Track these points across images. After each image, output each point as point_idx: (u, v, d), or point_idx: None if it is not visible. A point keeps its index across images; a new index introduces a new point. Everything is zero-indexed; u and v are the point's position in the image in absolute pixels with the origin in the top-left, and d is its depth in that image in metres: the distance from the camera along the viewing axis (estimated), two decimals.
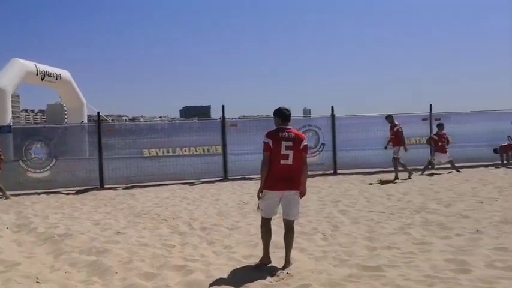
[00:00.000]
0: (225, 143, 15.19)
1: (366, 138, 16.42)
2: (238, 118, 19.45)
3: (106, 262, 5.96)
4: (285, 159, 5.44)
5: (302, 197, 5.69)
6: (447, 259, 5.54)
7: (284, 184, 5.48)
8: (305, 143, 5.60)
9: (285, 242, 5.69)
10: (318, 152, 15.86)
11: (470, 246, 6.08)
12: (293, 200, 5.59)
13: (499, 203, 9.04)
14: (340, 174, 15.27)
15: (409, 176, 13.66)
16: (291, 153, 5.45)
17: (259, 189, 5.61)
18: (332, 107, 16.19)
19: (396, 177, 13.50)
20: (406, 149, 13.80)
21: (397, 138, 13.80)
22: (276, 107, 5.80)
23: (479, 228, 6.99)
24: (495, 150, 16.30)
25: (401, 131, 13.87)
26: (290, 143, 5.47)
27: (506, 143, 16.46)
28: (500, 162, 16.18)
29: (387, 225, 7.55)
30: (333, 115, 16.11)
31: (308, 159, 5.86)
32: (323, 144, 15.86)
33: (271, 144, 5.45)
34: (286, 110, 5.71)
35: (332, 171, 15.69)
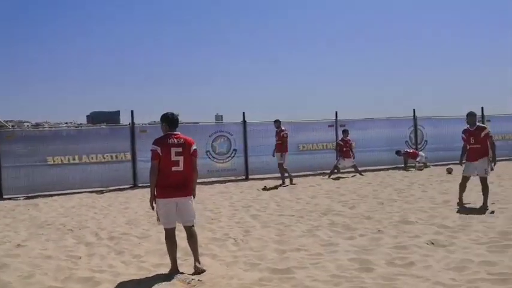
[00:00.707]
0: (134, 149, 14.84)
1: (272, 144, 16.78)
2: (149, 124, 19.03)
3: (4, 278, 5.57)
4: (176, 166, 5.40)
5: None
6: (351, 259, 5.81)
7: (177, 191, 5.44)
8: (194, 148, 5.58)
9: (190, 248, 5.68)
10: (230, 158, 15.97)
11: (372, 245, 6.42)
12: (188, 205, 5.57)
13: (398, 204, 9.64)
14: (252, 179, 15.48)
15: (290, 182, 13.69)
16: (181, 159, 5.41)
17: (151, 199, 5.52)
18: (243, 113, 16.42)
19: (283, 182, 13.68)
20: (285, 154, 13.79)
21: (282, 144, 13.82)
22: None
23: (381, 228, 7.42)
24: (397, 153, 17.29)
25: (287, 137, 13.95)
26: (180, 149, 5.43)
27: (410, 150, 17.52)
28: (402, 165, 17.17)
29: (296, 228, 7.77)
30: (244, 121, 16.33)
31: (220, 165, 5.89)
32: (235, 150, 16.01)
33: (159, 151, 5.36)
34: (173, 115, 5.64)
35: (244, 177, 15.88)
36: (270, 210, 9.61)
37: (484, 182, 9.00)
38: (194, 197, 5.70)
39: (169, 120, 5.60)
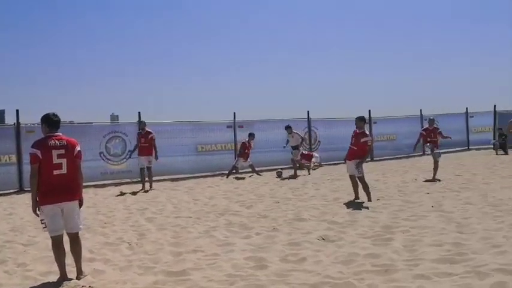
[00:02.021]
0: (20, 151, 13.82)
1: (175, 144, 16.54)
2: (37, 124, 17.82)
3: None
4: (59, 169, 5.14)
5: (81, 206, 5.46)
6: (247, 257, 5.91)
7: (62, 195, 5.17)
8: (78, 149, 5.34)
9: (73, 255, 5.40)
10: (125, 160, 15.43)
11: (267, 243, 6.58)
12: (74, 210, 5.32)
13: (292, 202, 9.98)
14: (147, 181, 15.09)
15: (147, 189, 13.23)
16: (64, 161, 5.16)
17: (33, 206, 5.19)
18: (139, 113, 15.92)
19: (150, 186, 13.30)
20: (157, 158, 13.34)
21: (150, 146, 13.21)
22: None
23: (276, 226, 7.62)
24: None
25: (155, 139, 13.33)
26: (62, 151, 5.17)
27: (305, 152, 18.17)
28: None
29: (193, 229, 7.73)
30: (140, 121, 15.85)
31: (115, 167, 5.68)
32: (130, 151, 15.41)
33: (39, 154, 5.06)
34: (54, 115, 5.33)
35: (140, 179, 15.43)
36: (167, 212, 9.47)
37: (361, 180, 9.75)
38: (82, 202, 5.44)
39: (50, 121, 5.27)
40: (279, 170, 15.88)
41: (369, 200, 9.57)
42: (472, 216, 7.74)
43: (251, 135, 16.38)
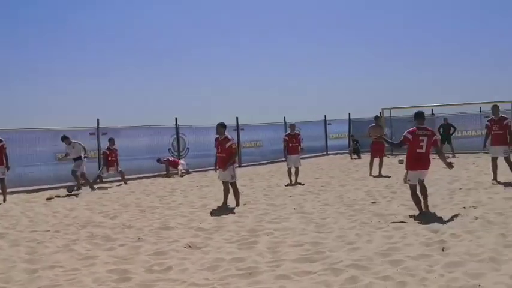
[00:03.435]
0: None
1: (32, 153, 15.34)
2: None
3: None
4: None
5: None
6: (110, 270, 5.66)
7: None
8: None
9: None
10: None
11: (132, 254, 6.37)
12: None
13: (159, 210, 9.81)
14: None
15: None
16: None
17: None
18: None
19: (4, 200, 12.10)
20: (8, 168, 12.15)
21: (1, 156, 11.93)
22: None
23: (141, 236, 7.41)
24: (158, 160, 17.64)
25: (6, 148, 12.10)
26: None
27: (171, 158, 18.00)
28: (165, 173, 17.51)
29: (51, 243, 7.19)
30: None
31: None
32: None
33: None
34: None
35: None
36: (21, 226, 8.69)
37: (234, 186, 9.96)
38: None
39: None
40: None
41: (238, 205, 9.77)
42: (329, 217, 8.29)
43: (110, 140, 15.74)
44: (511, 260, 5.25)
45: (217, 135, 10.01)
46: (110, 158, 15.42)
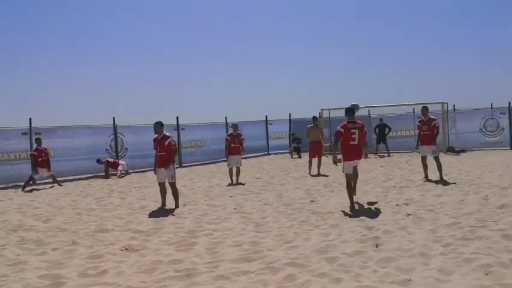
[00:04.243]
0: None
1: None
2: None
3: None
4: None
5: None
6: (41, 275, 5.43)
7: None
8: None
9: None
10: None
11: (65, 258, 6.15)
12: None
13: (96, 212, 9.53)
14: None
15: None
16: None
17: None
18: None
19: None
20: None
21: None
22: None
23: (76, 239, 7.16)
24: (98, 161, 17.14)
25: None
26: None
27: (111, 159, 17.51)
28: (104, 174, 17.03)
29: None
30: None
31: None
32: None
33: None
34: None
35: None
36: None
37: (173, 186, 9.81)
38: None
39: None
40: None
41: (177, 206, 9.64)
42: (268, 216, 8.36)
43: (37, 141, 14.97)
44: (440, 255, 5.50)
45: (156, 135, 9.85)
46: (40, 159, 14.70)
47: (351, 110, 9.02)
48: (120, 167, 17.09)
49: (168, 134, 9.86)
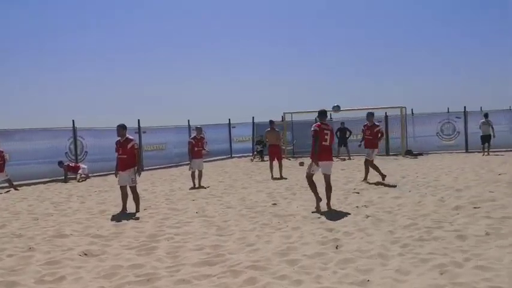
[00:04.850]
0: None
1: None
2: None
3: None
4: None
5: None
6: None
7: None
8: None
9: None
10: None
11: (21, 264, 5.97)
12: None
13: (54, 217, 9.29)
14: None
15: None
16: None
17: None
18: None
19: None
20: None
21: None
22: None
23: (33, 245, 6.97)
24: (60, 163, 16.69)
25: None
26: None
27: (72, 164, 17.10)
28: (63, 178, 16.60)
29: None
30: None
31: None
32: None
33: None
34: None
35: None
36: None
37: (133, 190, 9.70)
38: None
39: None
40: None
41: (137, 210, 9.51)
42: (230, 219, 8.36)
43: None
44: (398, 255, 5.64)
45: (118, 138, 9.70)
46: None
47: (323, 113, 9.16)
48: (80, 171, 16.72)
49: (131, 137, 9.74)
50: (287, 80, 58.08)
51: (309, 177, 9.02)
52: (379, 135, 12.97)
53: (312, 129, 8.96)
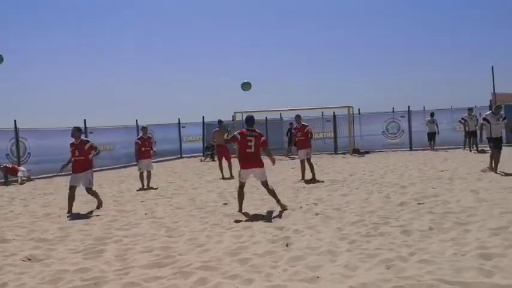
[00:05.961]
0: None
1: None
2: None
3: None
4: None
5: None
6: None
7: None
8: None
9: None
10: None
11: None
12: None
13: None
14: None
15: None
16: None
17: None
18: None
19: None
20: None
21: None
22: None
23: None
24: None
25: None
26: None
27: (10, 165, 16.41)
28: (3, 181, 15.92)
29: None
30: None
31: None
32: None
33: None
34: None
35: None
36: None
37: (90, 191, 9.73)
38: None
39: None
40: None
41: (100, 202, 9.76)
42: (180, 220, 8.28)
43: None
44: (346, 251, 5.76)
45: (73, 140, 9.59)
46: None
47: (250, 119, 8.98)
48: (20, 173, 16.06)
49: (86, 139, 9.79)
50: (237, 79, 58.14)
51: (240, 187, 8.79)
52: (309, 135, 13.31)
53: (233, 133, 9.03)
